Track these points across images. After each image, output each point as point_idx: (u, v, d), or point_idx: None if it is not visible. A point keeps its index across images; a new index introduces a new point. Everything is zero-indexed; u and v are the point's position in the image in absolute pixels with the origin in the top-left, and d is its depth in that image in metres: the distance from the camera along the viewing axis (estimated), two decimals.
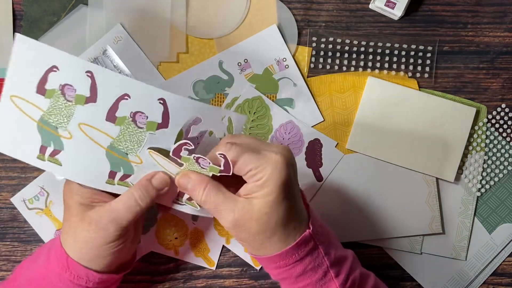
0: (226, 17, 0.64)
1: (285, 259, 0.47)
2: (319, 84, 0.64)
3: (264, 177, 0.44)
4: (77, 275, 0.49)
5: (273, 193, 0.45)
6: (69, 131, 0.47)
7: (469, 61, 0.65)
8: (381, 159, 0.63)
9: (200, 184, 0.47)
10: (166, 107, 0.46)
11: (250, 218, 0.45)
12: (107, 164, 0.48)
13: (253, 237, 0.46)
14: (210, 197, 0.46)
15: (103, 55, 0.63)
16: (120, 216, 0.48)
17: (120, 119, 0.46)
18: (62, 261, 0.49)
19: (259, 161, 0.45)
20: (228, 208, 0.46)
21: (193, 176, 0.47)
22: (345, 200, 0.64)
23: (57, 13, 0.63)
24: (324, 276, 0.48)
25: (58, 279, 0.49)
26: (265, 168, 0.44)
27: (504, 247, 0.64)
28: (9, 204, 0.63)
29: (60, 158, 0.48)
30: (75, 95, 0.46)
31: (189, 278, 0.64)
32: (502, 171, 0.64)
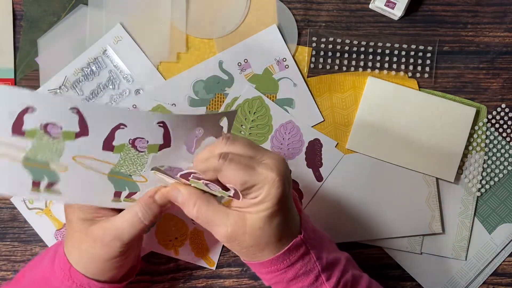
0: (226, 17, 0.64)
1: (276, 265, 0.47)
2: (319, 84, 0.64)
3: (260, 196, 0.44)
4: (79, 284, 0.49)
5: (268, 210, 0.44)
6: (63, 164, 0.44)
7: (469, 61, 0.65)
8: (381, 159, 0.63)
9: (190, 198, 0.46)
10: (167, 128, 0.44)
11: (243, 232, 0.45)
12: (111, 186, 0.46)
13: (246, 250, 0.46)
14: (201, 212, 0.45)
15: (103, 55, 0.63)
16: (124, 233, 0.47)
17: (118, 147, 0.44)
18: (65, 269, 0.49)
19: (255, 180, 0.43)
20: (220, 223, 0.45)
21: (183, 190, 0.46)
22: (345, 200, 0.64)
23: (57, 13, 0.63)
24: (316, 281, 0.48)
25: (61, 285, 0.49)
26: (262, 187, 0.44)
27: (504, 247, 0.64)
28: (9, 204, 0.63)
29: (58, 188, 0.45)
30: (61, 132, 0.42)
31: (189, 278, 0.64)
32: (502, 171, 0.64)
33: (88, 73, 0.63)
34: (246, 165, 0.44)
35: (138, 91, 0.63)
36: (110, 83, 0.63)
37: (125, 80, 0.63)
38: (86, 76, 0.63)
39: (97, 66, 0.63)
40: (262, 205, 0.44)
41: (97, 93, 0.63)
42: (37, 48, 0.63)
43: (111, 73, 0.63)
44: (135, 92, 0.63)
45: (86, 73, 0.63)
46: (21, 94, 0.41)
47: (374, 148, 0.63)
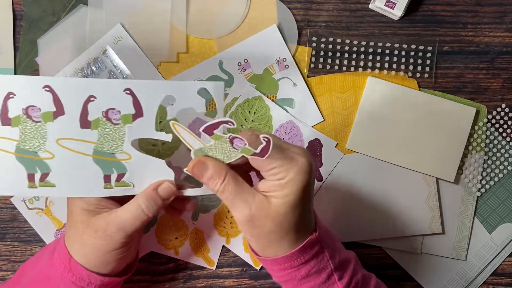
0: (226, 17, 0.64)
1: (290, 261, 0.47)
2: (319, 84, 0.64)
3: (287, 177, 0.43)
4: (79, 276, 0.49)
5: (293, 195, 0.44)
6: (49, 151, 0.46)
7: (469, 61, 0.65)
8: (381, 159, 0.63)
9: (219, 174, 0.45)
10: (134, 95, 0.45)
11: (266, 216, 0.44)
12: (99, 170, 0.47)
13: (264, 235, 0.45)
14: (229, 189, 0.44)
15: (103, 55, 0.63)
16: (127, 224, 0.47)
17: (94, 122, 0.46)
18: (65, 262, 0.49)
19: (285, 160, 0.44)
20: (245, 202, 0.44)
21: (211, 164, 0.45)
22: (345, 200, 0.64)
23: (57, 13, 0.64)
24: (328, 279, 0.48)
25: (60, 279, 0.49)
26: (291, 168, 0.43)
27: (504, 247, 0.64)
28: (9, 204, 0.63)
29: (51, 179, 0.47)
30: (41, 114, 0.45)
31: (189, 278, 0.64)
32: (502, 171, 0.64)
33: (88, 73, 0.63)
34: (278, 146, 0.44)
35: None
36: None
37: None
38: (86, 76, 0.63)
39: (97, 66, 0.63)
40: (287, 189, 0.44)
41: None
42: (37, 48, 0.63)
43: (111, 73, 0.63)
44: None
45: (86, 73, 0.63)
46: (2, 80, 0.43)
47: (374, 148, 0.63)
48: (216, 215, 0.63)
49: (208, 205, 0.63)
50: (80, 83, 0.45)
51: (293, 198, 0.44)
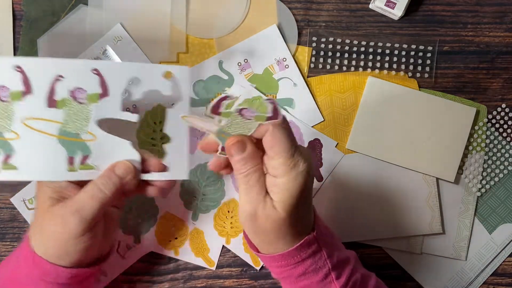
0: (226, 17, 0.64)
1: (287, 259, 0.47)
2: (319, 84, 0.64)
3: (284, 178, 0.44)
4: (44, 271, 0.47)
5: (293, 199, 0.44)
6: (14, 131, 0.46)
7: (469, 61, 0.65)
8: (381, 159, 0.63)
9: (254, 158, 0.45)
10: (101, 76, 0.46)
11: (267, 217, 0.44)
12: (63, 151, 0.47)
13: (263, 233, 0.46)
14: (251, 177, 0.45)
15: (103, 55, 0.63)
16: (84, 207, 0.46)
17: (60, 102, 0.46)
18: (29, 260, 0.48)
19: (289, 159, 0.44)
20: (257, 198, 0.45)
21: (250, 146, 0.45)
22: (345, 200, 0.64)
23: (57, 13, 0.63)
24: (325, 278, 0.48)
25: (27, 278, 0.48)
26: (291, 170, 0.44)
27: (504, 247, 0.64)
28: (9, 204, 0.63)
29: (13, 161, 0.46)
30: (9, 93, 0.45)
31: (189, 278, 0.64)
32: (502, 171, 0.64)
33: None
34: (293, 140, 0.45)
35: None
36: None
37: None
38: None
39: None
40: (287, 193, 0.44)
41: None
42: (37, 48, 0.63)
43: None
44: None
45: None
46: None
47: (374, 148, 0.63)
48: (216, 215, 0.63)
49: (208, 205, 0.63)
50: (48, 62, 0.46)
51: (292, 202, 0.44)
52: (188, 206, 0.63)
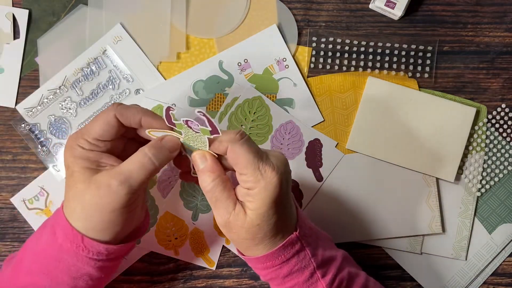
0: (226, 17, 0.64)
1: (271, 260, 0.48)
2: (319, 84, 0.64)
3: (255, 189, 0.44)
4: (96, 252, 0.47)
5: (265, 207, 0.45)
6: None
7: (469, 61, 0.65)
8: (381, 159, 0.63)
9: (212, 171, 0.46)
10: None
11: (241, 225, 0.45)
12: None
13: (240, 241, 0.47)
14: (215, 191, 0.46)
15: (103, 55, 0.63)
16: (132, 176, 0.45)
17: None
18: (69, 235, 0.46)
19: (255, 171, 0.44)
20: (226, 209, 0.46)
21: (209, 160, 0.46)
22: (345, 200, 0.64)
23: (57, 13, 0.63)
24: (311, 277, 0.49)
25: (67, 254, 0.47)
26: (258, 181, 0.44)
27: (504, 247, 0.64)
28: (9, 204, 0.63)
29: None
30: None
31: (189, 278, 0.64)
32: (502, 171, 0.64)
33: (88, 73, 0.63)
34: (257, 152, 0.45)
35: (138, 91, 0.63)
36: (110, 83, 0.63)
37: (125, 80, 0.63)
38: (86, 76, 0.63)
39: (97, 66, 0.63)
40: (258, 202, 0.45)
41: (97, 93, 0.63)
42: (37, 48, 0.63)
43: (111, 73, 0.63)
44: (135, 92, 0.63)
45: (86, 73, 0.63)
46: None
47: (374, 148, 0.63)
48: None
49: (208, 205, 0.63)
50: None
51: (265, 210, 0.45)
52: (188, 206, 0.63)
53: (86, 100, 0.63)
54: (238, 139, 0.45)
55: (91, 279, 0.49)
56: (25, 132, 0.63)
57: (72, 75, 0.63)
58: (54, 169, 0.63)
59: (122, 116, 0.47)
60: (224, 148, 0.46)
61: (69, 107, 0.63)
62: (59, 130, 0.63)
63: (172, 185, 0.63)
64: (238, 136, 0.45)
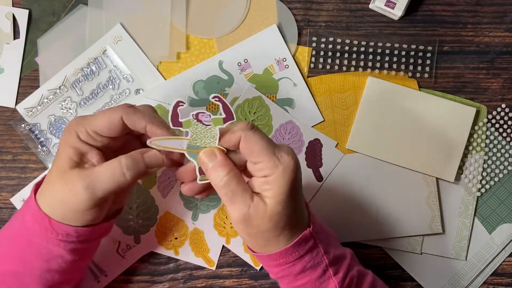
0: (226, 17, 0.64)
1: (285, 257, 0.47)
2: (319, 84, 0.64)
3: (273, 175, 0.44)
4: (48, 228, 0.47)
5: (284, 194, 0.44)
6: None
7: (469, 61, 0.65)
8: (381, 159, 0.63)
9: (224, 166, 0.45)
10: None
11: (262, 216, 0.44)
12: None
13: (261, 234, 0.46)
14: (230, 184, 0.45)
15: (103, 55, 0.63)
16: (99, 184, 0.45)
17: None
18: (38, 218, 0.47)
19: (271, 157, 0.44)
20: (244, 202, 0.44)
21: (219, 156, 0.45)
22: (345, 200, 0.64)
23: (57, 13, 0.63)
24: (323, 274, 0.48)
25: (38, 237, 0.47)
26: (276, 167, 0.44)
27: (504, 247, 0.64)
28: (9, 204, 0.63)
29: None
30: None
31: (189, 278, 0.64)
32: (502, 171, 0.64)
33: (88, 73, 0.63)
34: (269, 139, 0.45)
35: (138, 91, 0.63)
36: (110, 83, 0.63)
37: (125, 80, 0.63)
38: (86, 76, 0.63)
39: (97, 66, 0.63)
40: (278, 189, 0.44)
41: (97, 93, 0.63)
42: (37, 48, 0.63)
43: (111, 73, 0.63)
44: (135, 92, 0.63)
45: (86, 73, 0.63)
46: None
47: (374, 148, 0.63)
48: (216, 215, 0.63)
49: (208, 205, 0.63)
50: None
51: (285, 197, 0.44)
52: (188, 206, 0.63)
53: (86, 100, 0.63)
54: (250, 128, 0.45)
55: (64, 262, 0.48)
56: (25, 132, 0.63)
57: (72, 75, 0.63)
58: None
59: (128, 119, 0.47)
60: (236, 138, 0.45)
61: (69, 107, 0.63)
62: (59, 130, 0.63)
63: (172, 185, 0.63)
64: (250, 126, 0.45)
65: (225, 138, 0.46)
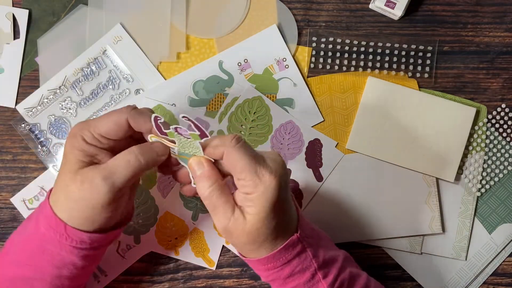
0: (226, 17, 0.64)
1: (272, 262, 0.48)
2: (319, 84, 0.64)
3: (254, 194, 0.44)
4: (79, 240, 0.47)
5: (265, 212, 0.45)
6: None
7: (469, 61, 0.65)
8: (381, 159, 0.63)
9: (209, 177, 0.46)
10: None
11: (242, 230, 0.45)
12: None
13: (241, 245, 0.48)
14: (213, 196, 0.46)
15: (103, 55, 0.63)
16: (116, 173, 0.45)
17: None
18: (52, 224, 0.47)
19: (253, 175, 0.44)
20: (225, 214, 0.46)
21: (206, 166, 0.46)
22: (345, 200, 0.64)
23: (57, 13, 0.63)
24: (312, 278, 0.49)
25: (51, 244, 0.47)
26: (257, 186, 0.44)
27: (504, 247, 0.64)
28: (9, 204, 0.63)
29: None
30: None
31: (189, 278, 0.64)
32: (502, 171, 0.64)
33: (88, 73, 0.63)
34: (254, 156, 0.45)
35: (138, 91, 0.63)
36: (110, 83, 0.63)
37: (125, 80, 0.63)
38: (86, 76, 0.63)
39: (97, 66, 0.63)
40: (258, 207, 0.44)
41: (97, 93, 0.63)
42: (37, 48, 0.63)
43: (111, 73, 0.63)
44: (135, 92, 0.63)
45: (86, 73, 0.63)
46: None
47: (374, 148, 0.63)
48: None
49: None
50: None
51: (265, 215, 0.45)
52: (188, 206, 0.63)
53: (86, 100, 0.63)
54: (234, 144, 0.45)
55: (75, 268, 0.49)
56: (25, 132, 0.63)
57: (72, 75, 0.63)
58: (54, 169, 0.63)
59: (134, 121, 0.47)
60: (219, 153, 0.46)
61: (69, 107, 0.63)
62: (59, 130, 0.63)
63: (172, 185, 0.63)
64: (234, 141, 0.45)
65: (209, 151, 0.47)
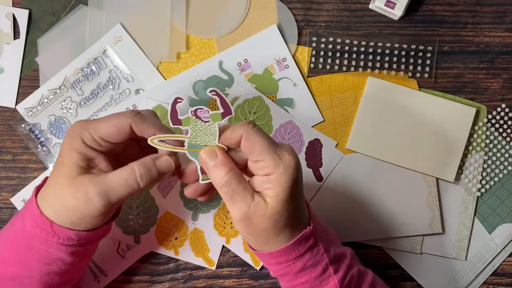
0: (226, 17, 0.64)
1: (285, 255, 0.47)
2: (319, 84, 0.64)
3: (275, 174, 0.44)
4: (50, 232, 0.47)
5: (285, 193, 0.44)
6: None
7: (469, 61, 0.65)
8: (381, 159, 0.63)
9: (225, 164, 0.45)
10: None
11: (263, 215, 0.44)
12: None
13: (261, 233, 0.46)
14: (231, 183, 0.45)
15: (103, 55, 0.63)
16: (112, 190, 0.45)
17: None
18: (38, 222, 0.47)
19: (273, 156, 0.44)
20: (244, 201, 0.44)
21: (220, 155, 0.45)
22: (345, 200, 0.64)
23: (57, 13, 0.64)
24: (323, 273, 0.48)
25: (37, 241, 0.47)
26: (277, 166, 0.44)
27: (504, 247, 0.64)
28: (9, 204, 0.63)
29: None
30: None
31: (189, 278, 0.64)
32: (502, 171, 0.64)
33: (88, 73, 0.63)
34: (271, 139, 0.45)
35: (138, 91, 0.63)
36: (110, 83, 0.63)
37: (125, 80, 0.63)
38: (86, 76, 0.63)
39: (97, 66, 0.63)
40: (278, 187, 0.44)
41: (97, 93, 0.63)
42: (37, 48, 0.63)
43: (111, 73, 0.63)
44: (135, 92, 0.63)
45: (86, 73, 0.63)
46: None
47: (374, 148, 0.63)
48: (216, 215, 0.63)
49: (208, 205, 0.63)
50: None
51: (286, 196, 0.44)
52: (188, 206, 0.63)
53: (86, 100, 0.63)
54: (252, 127, 0.45)
55: (64, 264, 0.49)
56: (25, 132, 0.63)
57: (72, 75, 0.63)
58: None
59: (137, 127, 0.47)
60: (237, 136, 0.45)
61: (69, 107, 0.63)
62: (59, 130, 0.63)
63: (172, 185, 0.63)
64: (251, 125, 0.45)
65: (226, 135, 0.46)
